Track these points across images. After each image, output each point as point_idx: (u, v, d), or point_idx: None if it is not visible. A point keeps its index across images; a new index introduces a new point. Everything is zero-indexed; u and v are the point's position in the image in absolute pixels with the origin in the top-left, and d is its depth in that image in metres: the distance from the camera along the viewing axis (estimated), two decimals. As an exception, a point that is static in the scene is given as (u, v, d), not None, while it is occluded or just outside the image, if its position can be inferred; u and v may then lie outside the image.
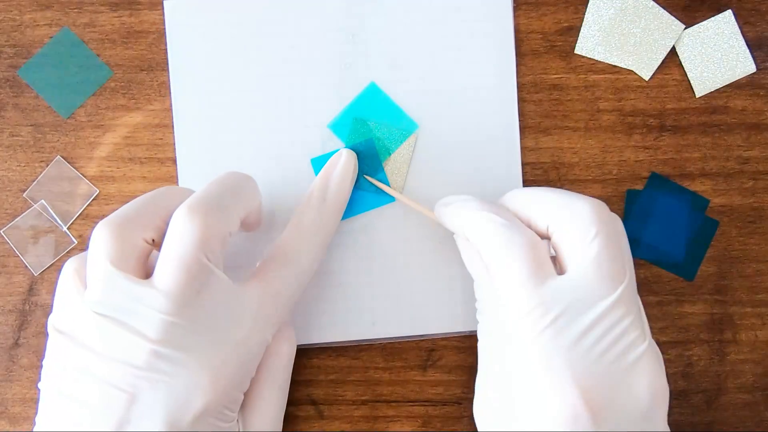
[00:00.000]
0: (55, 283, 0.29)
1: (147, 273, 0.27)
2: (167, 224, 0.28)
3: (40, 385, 0.27)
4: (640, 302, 0.28)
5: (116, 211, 0.28)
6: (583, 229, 0.27)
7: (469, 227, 0.29)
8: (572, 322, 0.25)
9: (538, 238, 0.28)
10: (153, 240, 0.28)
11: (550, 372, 0.25)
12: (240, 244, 0.35)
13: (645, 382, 0.26)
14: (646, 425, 0.26)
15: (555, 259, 0.28)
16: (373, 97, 0.35)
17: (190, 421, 0.26)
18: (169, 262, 0.26)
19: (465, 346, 0.35)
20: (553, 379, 0.25)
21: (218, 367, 0.26)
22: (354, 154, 0.34)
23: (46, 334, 0.27)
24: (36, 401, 0.35)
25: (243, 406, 0.30)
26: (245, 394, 0.30)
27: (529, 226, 0.29)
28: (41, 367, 0.27)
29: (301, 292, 0.31)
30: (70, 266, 0.28)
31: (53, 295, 0.29)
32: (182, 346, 0.26)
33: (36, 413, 0.27)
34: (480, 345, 0.30)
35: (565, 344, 0.25)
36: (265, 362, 0.30)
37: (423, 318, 0.35)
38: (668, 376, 0.27)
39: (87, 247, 0.27)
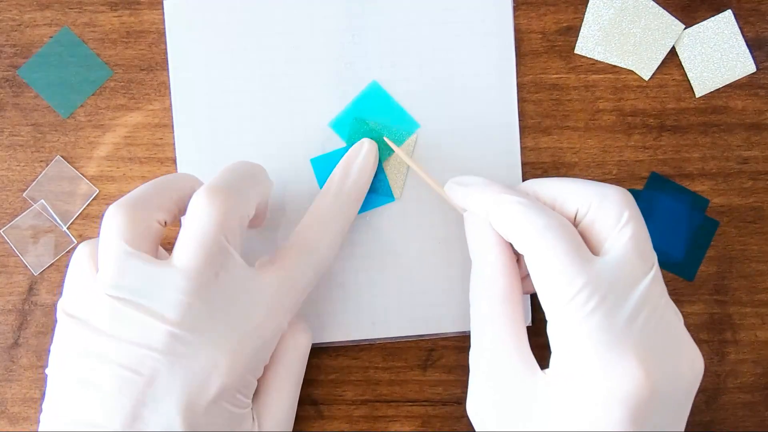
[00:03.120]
0: (64, 272, 0.28)
1: (158, 257, 0.27)
2: (179, 207, 0.28)
3: (48, 370, 0.26)
4: None
5: (127, 194, 0.28)
6: (617, 211, 0.27)
7: (498, 211, 0.28)
8: (621, 301, 0.25)
9: (569, 222, 0.28)
10: (165, 222, 0.28)
11: (606, 350, 0.25)
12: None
13: (689, 359, 0.26)
14: (688, 403, 0.27)
15: None
16: (374, 96, 0.35)
17: (206, 405, 0.26)
18: (189, 242, 0.26)
19: (465, 345, 0.35)
20: (611, 358, 0.25)
21: (234, 350, 0.26)
22: (375, 145, 0.34)
23: (55, 319, 0.27)
24: (36, 400, 0.35)
25: (259, 397, 0.30)
26: (261, 385, 0.30)
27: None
28: (48, 352, 0.27)
29: (317, 281, 0.31)
30: (82, 250, 0.28)
31: (60, 289, 0.28)
32: (199, 329, 0.25)
33: (42, 399, 0.27)
34: (477, 335, 0.29)
35: (619, 323, 0.25)
36: (281, 355, 0.30)
37: (423, 318, 0.35)
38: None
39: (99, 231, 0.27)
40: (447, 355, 0.35)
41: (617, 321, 0.25)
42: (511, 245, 0.29)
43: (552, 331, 0.26)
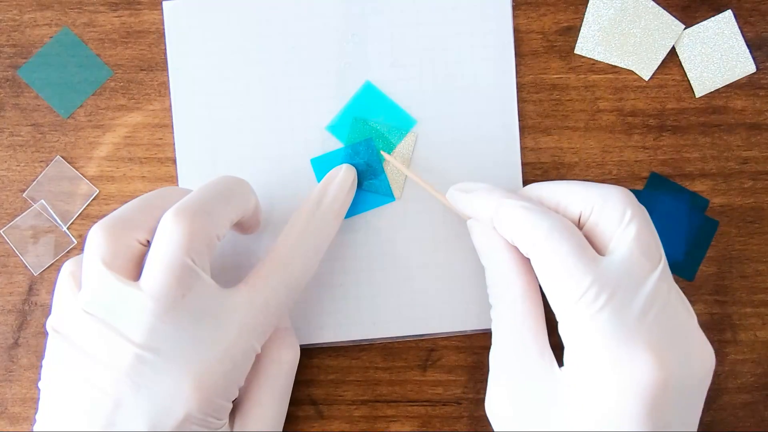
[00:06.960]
0: (54, 284, 0.29)
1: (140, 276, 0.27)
2: None
3: (39, 384, 0.27)
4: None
5: (111, 213, 0.28)
6: (619, 211, 0.27)
7: (502, 215, 0.29)
8: (630, 298, 0.26)
9: (573, 224, 0.28)
10: (148, 241, 0.28)
11: (617, 345, 0.25)
12: (240, 245, 0.35)
13: (699, 354, 0.26)
14: (700, 399, 0.27)
15: None
16: (369, 96, 0.35)
17: (171, 429, 0.25)
18: (155, 264, 0.26)
19: (465, 346, 0.35)
20: (622, 352, 0.25)
21: (201, 375, 0.26)
22: (353, 169, 0.34)
23: (46, 334, 0.27)
24: (35, 401, 0.35)
25: (240, 411, 0.30)
26: (243, 398, 0.30)
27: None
28: (41, 366, 0.27)
29: (293, 300, 0.30)
30: (66, 268, 0.28)
31: (52, 296, 0.29)
32: (165, 351, 0.25)
33: (36, 411, 0.27)
34: (498, 335, 0.30)
35: (630, 319, 0.25)
36: (265, 369, 0.30)
37: (423, 318, 0.35)
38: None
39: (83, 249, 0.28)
40: (447, 355, 0.35)
41: (627, 317, 0.25)
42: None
43: (563, 331, 0.27)
